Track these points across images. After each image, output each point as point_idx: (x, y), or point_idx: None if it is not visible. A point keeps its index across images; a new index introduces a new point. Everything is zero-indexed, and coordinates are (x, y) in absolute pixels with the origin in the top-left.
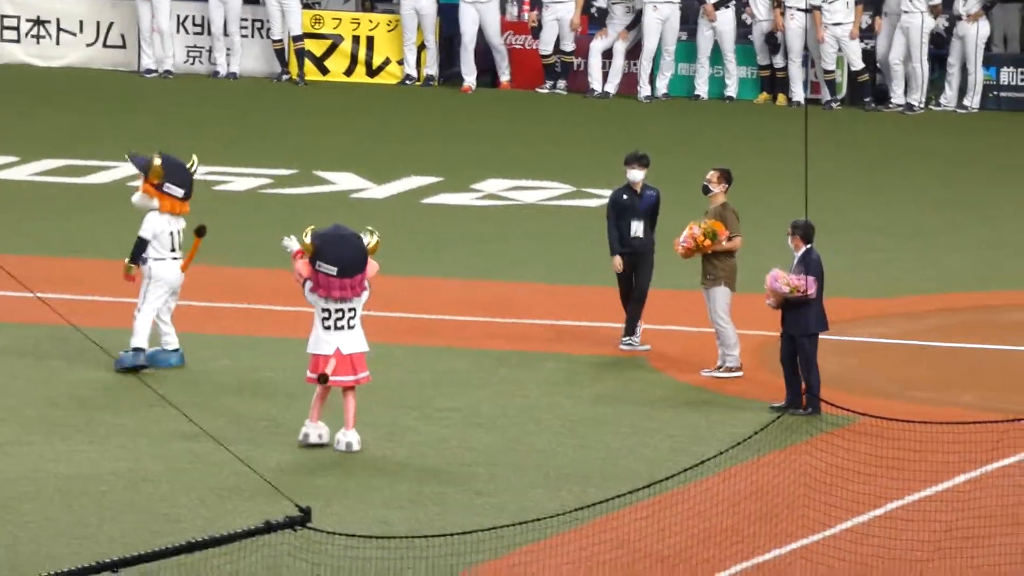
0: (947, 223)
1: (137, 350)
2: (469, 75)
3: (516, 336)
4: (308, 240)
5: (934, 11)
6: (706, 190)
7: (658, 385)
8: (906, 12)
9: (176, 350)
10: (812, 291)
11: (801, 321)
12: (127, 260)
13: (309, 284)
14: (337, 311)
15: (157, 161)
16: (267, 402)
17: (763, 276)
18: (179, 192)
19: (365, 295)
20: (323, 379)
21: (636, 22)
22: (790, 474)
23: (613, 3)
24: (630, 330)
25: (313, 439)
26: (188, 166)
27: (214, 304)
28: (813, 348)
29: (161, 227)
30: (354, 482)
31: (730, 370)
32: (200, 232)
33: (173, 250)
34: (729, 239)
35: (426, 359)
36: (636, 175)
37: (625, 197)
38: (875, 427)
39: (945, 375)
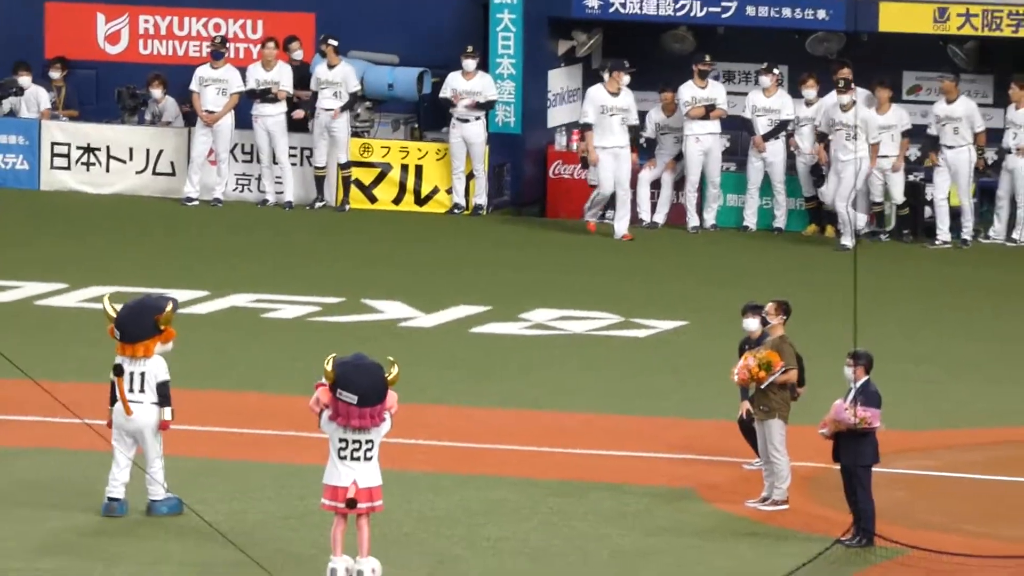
0: (996, 355)
1: (153, 502)
2: (621, 221)
3: (564, 466)
4: (330, 368)
5: (977, 142)
6: (764, 322)
7: (706, 516)
8: (950, 148)
9: (156, 500)
10: (878, 423)
11: (856, 452)
12: None
13: (327, 413)
14: (354, 441)
15: (110, 311)
16: (315, 530)
17: (809, 407)
18: (118, 334)
19: (384, 427)
20: (351, 504)
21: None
22: None
23: (662, 134)
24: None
25: (342, 574)
26: (162, 307)
27: (262, 432)
28: (868, 479)
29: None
30: None
31: (775, 503)
32: (117, 371)
33: (131, 391)
34: (784, 371)
35: (474, 488)
36: (750, 324)
37: (746, 347)
38: (924, 560)
39: (995, 509)
